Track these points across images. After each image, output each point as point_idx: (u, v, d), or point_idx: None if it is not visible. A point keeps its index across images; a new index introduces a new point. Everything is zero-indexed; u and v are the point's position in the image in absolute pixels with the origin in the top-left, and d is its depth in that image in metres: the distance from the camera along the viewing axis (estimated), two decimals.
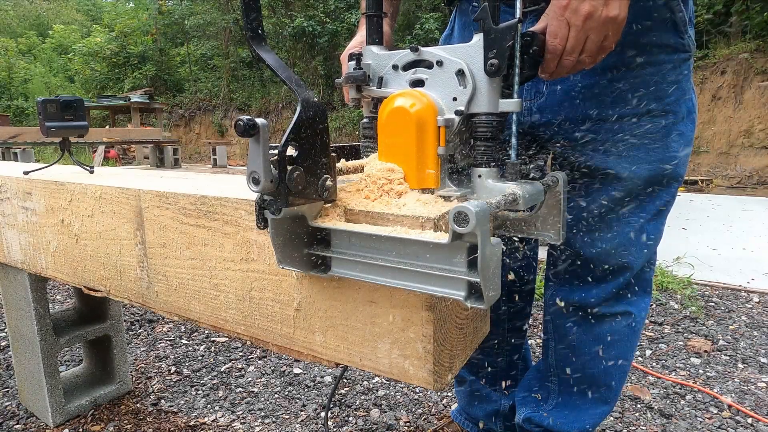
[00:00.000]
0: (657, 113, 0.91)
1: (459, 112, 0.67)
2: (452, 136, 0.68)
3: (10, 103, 24.97)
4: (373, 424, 1.59)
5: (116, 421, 1.60)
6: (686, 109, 0.94)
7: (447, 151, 0.68)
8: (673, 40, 0.90)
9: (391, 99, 0.69)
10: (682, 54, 0.91)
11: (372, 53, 0.78)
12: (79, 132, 1.39)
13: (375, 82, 0.77)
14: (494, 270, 0.54)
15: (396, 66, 0.75)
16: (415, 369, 0.68)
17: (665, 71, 0.90)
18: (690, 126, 0.96)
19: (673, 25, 0.89)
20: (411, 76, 0.73)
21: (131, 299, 1.06)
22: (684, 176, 1.01)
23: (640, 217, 0.98)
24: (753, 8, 9.26)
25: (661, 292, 2.71)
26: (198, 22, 19.48)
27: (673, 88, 0.91)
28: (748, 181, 8.65)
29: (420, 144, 0.67)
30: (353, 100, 0.81)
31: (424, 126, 0.67)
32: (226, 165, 12.31)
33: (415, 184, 0.68)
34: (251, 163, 0.56)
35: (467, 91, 0.67)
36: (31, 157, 8.59)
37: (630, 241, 0.99)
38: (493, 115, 0.67)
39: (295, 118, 0.58)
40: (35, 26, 32.36)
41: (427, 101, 0.67)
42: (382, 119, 0.69)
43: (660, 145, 0.93)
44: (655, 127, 0.92)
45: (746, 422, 1.57)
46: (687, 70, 0.93)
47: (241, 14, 0.60)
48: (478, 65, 0.66)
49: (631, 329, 1.07)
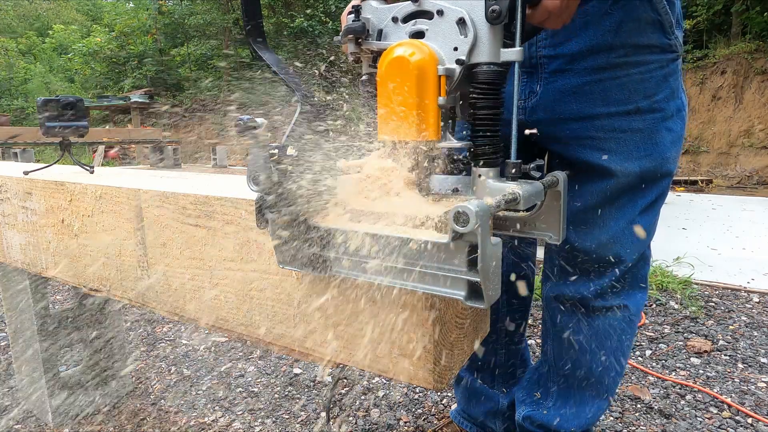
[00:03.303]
0: (646, 111, 0.95)
1: (460, 61, 0.66)
2: (453, 86, 0.67)
3: (10, 103, 24.97)
4: (373, 424, 1.59)
5: (116, 421, 1.60)
6: (675, 106, 0.98)
7: (448, 102, 0.66)
8: (660, 41, 0.94)
9: (390, 50, 0.67)
10: (669, 54, 0.95)
11: (371, 7, 0.76)
12: (79, 132, 1.39)
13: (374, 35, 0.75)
14: (494, 270, 0.54)
15: (396, 18, 0.73)
16: (415, 369, 0.68)
17: (653, 70, 0.94)
18: (680, 123, 0.99)
19: (659, 26, 0.93)
20: (411, 28, 0.71)
21: (131, 299, 1.06)
22: (675, 172, 1.05)
23: (632, 212, 1.02)
24: (753, 8, 9.26)
25: (661, 292, 2.71)
26: (198, 22, 19.48)
27: (661, 86, 0.95)
28: (748, 181, 8.65)
29: (420, 94, 0.65)
30: (352, 54, 0.80)
31: (424, 75, 0.65)
32: (226, 165, 12.31)
33: (415, 136, 0.67)
34: (251, 162, 0.56)
35: (468, 40, 0.66)
36: (31, 157, 8.58)
37: (622, 234, 1.02)
38: (494, 65, 0.66)
39: (295, 118, 0.58)
40: (35, 26, 32.36)
41: (428, 50, 0.66)
42: (381, 71, 0.68)
43: (650, 141, 0.97)
44: (645, 125, 0.96)
45: (746, 422, 1.57)
46: (675, 69, 0.97)
47: (241, 14, 0.60)
48: (479, 13, 0.65)
49: (627, 322, 1.10)
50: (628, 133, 0.96)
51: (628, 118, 0.95)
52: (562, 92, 0.97)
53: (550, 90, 0.98)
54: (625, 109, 0.95)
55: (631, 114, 0.95)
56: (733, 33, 9.85)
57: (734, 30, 9.85)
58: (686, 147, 9.64)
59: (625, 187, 0.99)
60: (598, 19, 0.92)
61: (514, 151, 0.70)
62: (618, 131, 0.96)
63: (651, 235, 1.07)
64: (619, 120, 0.95)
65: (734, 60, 9.40)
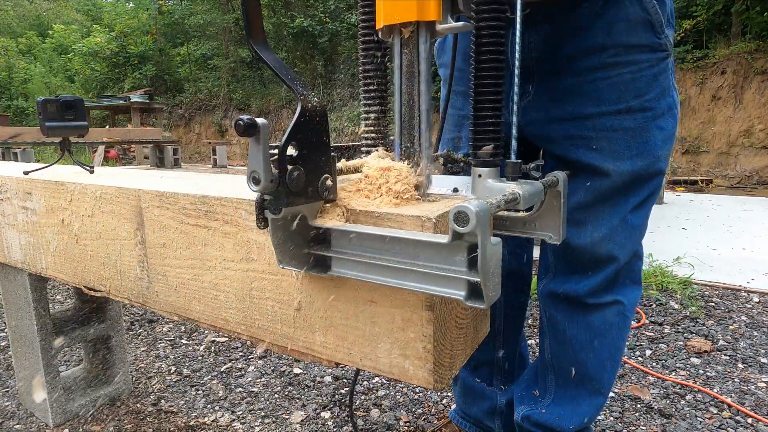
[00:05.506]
0: (637, 110, 0.96)
1: None
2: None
3: (10, 103, 24.96)
4: (373, 424, 1.59)
5: (116, 421, 1.60)
6: (666, 105, 0.99)
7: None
8: (650, 40, 0.95)
9: None
10: (660, 53, 0.96)
11: None
12: (79, 132, 1.39)
13: None
14: (494, 270, 0.54)
15: None
16: (415, 369, 0.68)
17: (643, 69, 0.95)
18: (671, 122, 1.00)
19: (649, 26, 0.94)
20: None
21: (131, 299, 1.06)
22: (666, 170, 1.07)
23: (624, 209, 1.03)
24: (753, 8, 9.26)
25: (661, 292, 2.71)
26: (198, 22, 19.47)
27: (651, 85, 0.96)
28: (748, 181, 8.65)
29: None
30: None
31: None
32: (226, 165, 12.30)
33: (415, 15, 0.66)
34: (251, 162, 0.56)
35: None
36: (31, 157, 8.58)
37: (615, 232, 1.03)
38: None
39: (296, 118, 0.58)
40: (35, 26, 32.34)
41: None
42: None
43: (641, 140, 0.98)
44: (636, 123, 0.97)
45: (746, 422, 1.57)
46: (665, 68, 0.98)
47: (241, 14, 0.60)
48: None
49: (621, 317, 1.11)
50: (619, 132, 0.97)
51: (619, 117, 0.96)
52: (554, 93, 0.99)
53: (543, 91, 1.00)
54: (616, 108, 0.96)
55: (622, 113, 0.96)
56: (733, 33, 9.85)
57: (734, 30, 9.85)
58: (686, 147, 9.65)
59: (617, 185, 1.00)
60: (590, 22, 0.93)
61: (514, 151, 0.71)
62: (609, 130, 0.97)
63: (643, 232, 1.08)
64: (611, 119, 0.96)
65: (734, 60, 9.40)
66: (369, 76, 0.81)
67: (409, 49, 0.71)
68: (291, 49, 16.57)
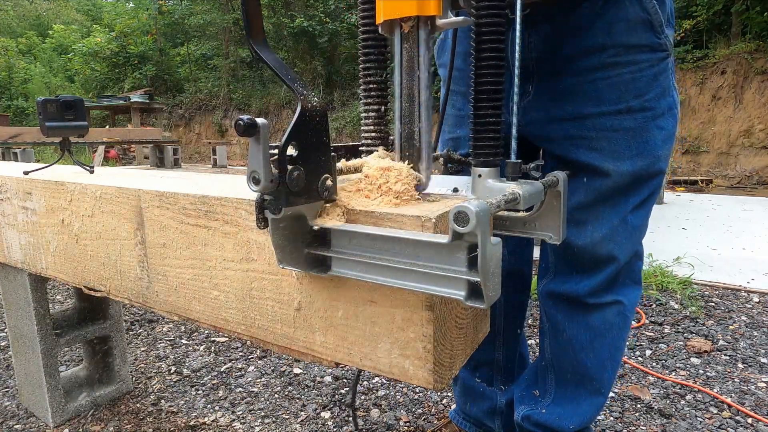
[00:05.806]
0: (637, 110, 0.96)
1: None
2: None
3: (10, 103, 24.96)
4: (373, 424, 1.59)
5: (116, 421, 1.60)
6: (666, 105, 0.99)
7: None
8: (650, 40, 0.95)
9: None
10: (660, 53, 0.96)
11: None
12: (79, 132, 1.39)
13: None
14: (494, 270, 0.54)
15: None
16: (415, 369, 0.68)
17: (643, 69, 0.95)
18: (671, 121, 1.00)
19: (649, 26, 0.94)
20: None
21: (131, 299, 1.06)
22: (666, 170, 1.07)
23: (625, 209, 1.03)
24: (753, 8, 9.26)
25: (661, 292, 2.71)
26: (198, 22, 19.47)
27: (651, 85, 0.96)
28: (748, 181, 8.65)
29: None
30: None
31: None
32: (226, 165, 12.30)
33: (415, 10, 0.66)
34: (251, 162, 0.56)
35: None
36: (31, 157, 8.58)
37: (616, 232, 1.03)
38: None
39: (296, 118, 0.58)
40: (35, 26, 32.33)
41: None
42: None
43: (641, 140, 0.98)
44: (636, 123, 0.97)
45: (746, 422, 1.57)
46: (665, 67, 0.98)
47: (241, 14, 0.60)
48: None
49: (621, 317, 1.11)
50: (619, 132, 0.97)
51: (619, 117, 0.96)
52: (554, 93, 0.99)
53: (543, 91, 1.00)
54: (616, 108, 0.96)
55: (623, 113, 0.96)
56: (733, 33, 9.85)
57: (734, 30, 9.85)
58: (686, 147, 9.65)
59: (617, 185, 1.00)
60: (590, 22, 0.93)
61: (514, 151, 0.71)
62: (609, 130, 0.97)
63: (644, 232, 1.08)
64: (611, 119, 0.97)
65: (734, 60, 9.40)
66: (369, 74, 0.81)
67: (410, 45, 0.71)
68: (291, 49, 16.58)
